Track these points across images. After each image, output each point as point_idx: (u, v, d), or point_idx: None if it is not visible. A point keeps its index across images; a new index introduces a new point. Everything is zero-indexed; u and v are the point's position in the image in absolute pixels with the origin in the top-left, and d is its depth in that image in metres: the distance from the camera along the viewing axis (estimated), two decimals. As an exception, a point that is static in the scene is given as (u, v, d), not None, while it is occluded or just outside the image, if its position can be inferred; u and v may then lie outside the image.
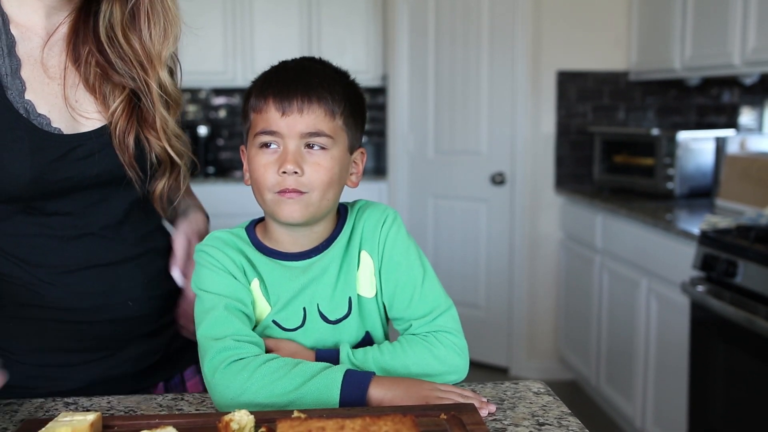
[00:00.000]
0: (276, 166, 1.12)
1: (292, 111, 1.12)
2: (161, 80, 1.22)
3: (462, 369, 1.17)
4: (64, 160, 1.15)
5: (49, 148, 1.14)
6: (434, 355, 1.15)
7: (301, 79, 1.14)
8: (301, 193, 1.12)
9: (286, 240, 1.19)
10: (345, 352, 1.15)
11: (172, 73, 1.27)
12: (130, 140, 1.19)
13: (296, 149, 1.12)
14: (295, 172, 1.11)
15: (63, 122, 1.17)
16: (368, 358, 1.14)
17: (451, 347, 1.16)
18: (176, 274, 1.28)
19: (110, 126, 1.19)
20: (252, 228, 1.22)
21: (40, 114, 1.15)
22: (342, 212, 1.23)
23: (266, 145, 1.14)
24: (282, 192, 1.12)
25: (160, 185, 1.25)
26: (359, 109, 1.20)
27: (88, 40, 1.20)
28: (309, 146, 1.13)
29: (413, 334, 1.18)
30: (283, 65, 1.19)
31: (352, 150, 1.19)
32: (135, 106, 1.21)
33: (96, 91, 1.20)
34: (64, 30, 1.20)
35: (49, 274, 1.20)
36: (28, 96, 1.15)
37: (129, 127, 1.19)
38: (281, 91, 1.13)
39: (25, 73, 1.16)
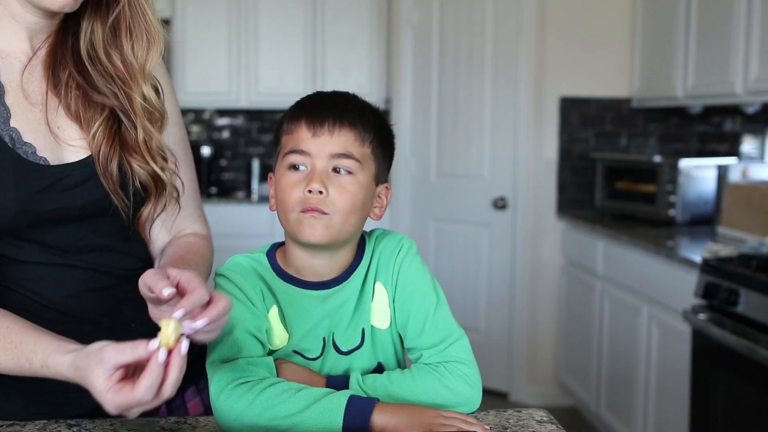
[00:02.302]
0: (302, 185, 1.13)
1: (323, 132, 1.14)
2: (145, 94, 1.20)
3: (473, 400, 1.16)
4: (50, 191, 1.13)
5: (35, 179, 1.12)
6: (444, 385, 1.15)
7: (334, 104, 1.17)
8: (324, 213, 1.13)
9: (305, 267, 1.19)
10: (355, 378, 1.15)
11: (157, 91, 1.25)
12: (114, 166, 1.17)
13: (323, 170, 1.13)
14: (320, 192, 1.12)
15: (48, 151, 1.15)
16: (378, 386, 1.14)
17: (461, 378, 1.16)
18: (167, 291, 0.98)
19: (93, 152, 1.17)
20: (273, 253, 1.22)
21: (25, 143, 1.13)
22: (360, 242, 1.24)
23: (295, 167, 1.15)
24: (305, 211, 1.13)
25: (146, 211, 1.22)
26: (388, 143, 1.21)
27: (68, 62, 1.19)
28: (336, 171, 1.14)
29: (424, 364, 1.18)
30: (317, 93, 1.21)
31: (377, 181, 1.20)
32: (116, 129, 1.19)
33: (78, 117, 1.18)
34: (42, 54, 1.19)
35: (49, 299, 1.19)
36: (13, 123, 1.13)
37: (111, 152, 1.17)
38: (314, 113, 1.15)
39: (8, 100, 1.14)
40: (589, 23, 4.07)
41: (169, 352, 0.93)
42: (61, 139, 1.17)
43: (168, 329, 0.93)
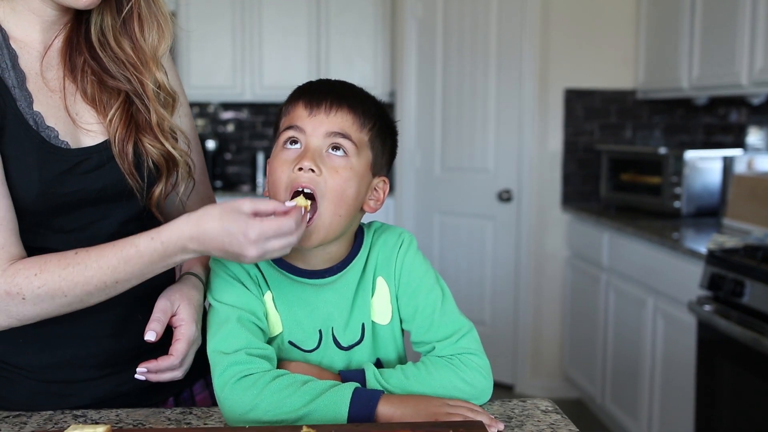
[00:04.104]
0: (294, 163, 1.10)
1: (319, 111, 1.12)
2: (158, 79, 1.24)
3: (487, 392, 1.16)
4: (71, 174, 1.16)
5: (57, 161, 1.15)
6: (461, 378, 1.14)
7: (335, 88, 1.15)
8: (314, 204, 1.10)
9: (297, 258, 1.17)
10: (371, 372, 1.13)
11: (166, 75, 1.29)
12: (129, 147, 1.20)
13: (317, 149, 1.11)
14: (312, 170, 1.09)
15: (69, 135, 1.18)
16: (393, 382, 1.12)
17: (476, 370, 1.15)
18: (150, 336, 1.15)
19: (110, 136, 1.20)
20: None
21: (48, 126, 1.15)
22: (358, 233, 1.21)
23: (290, 142, 1.12)
24: (294, 189, 1.09)
25: (157, 191, 1.25)
26: (389, 136, 1.19)
27: (82, 49, 1.22)
28: (333, 148, 1.11)
29: (438, 356, 1.16)
30: (321, 79, 1.20)
31: (374, 172, 1.17)
32: (131, 112, 1.22)
33: (95, 101, 1.21)
34: (58, 44, 1.22)
35: None
36: (36, 108, 1.16)
37: (128, 134, 1.20)
38: (313, 93, 1.13)
39: (30, 86, 1.17)
40: (594, 14, 4.06)
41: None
42: (79, 124, 1.20)
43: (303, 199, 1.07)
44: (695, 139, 4.21)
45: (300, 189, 1.10)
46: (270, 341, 1.18)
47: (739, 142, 3.87)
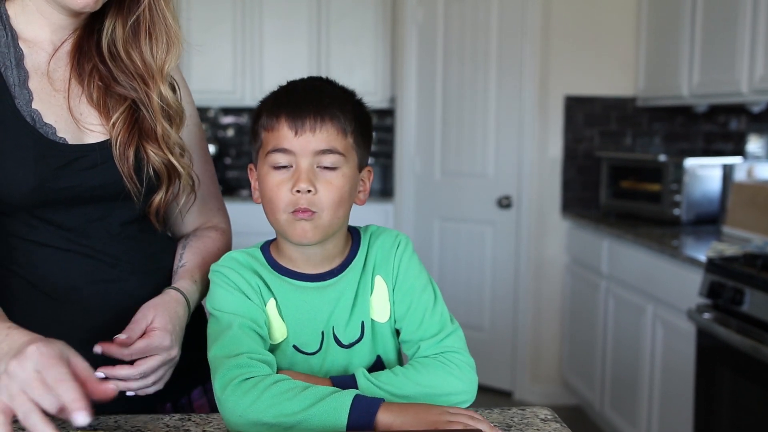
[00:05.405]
0: (289, 184, 1.13)
1: (305, 130, 1.13)
2: (162, 94, 1.24)
3: (475, 387, 1.18)
4: (68, 169, 1.17)
5: (54, 156, 1.16)
6: (450, 373, 1.16)
7: (313, 99, 1.16)
8: (313, 213, 1.13)
9: (298, 258, 1.20)
10: (361, 373, 1.14)
11: (174, 90, 1.30)
12: (131, 152, 1.21)
13: (309, 168, 1.13)
14: (309, 191, 1.12)
15: (68, 133, 1.19)
16: (383, 380, 1.13)
17: (463, 365, 1.17)
18: (96, 348, 1.10)
19: (111, 138, 1.21)
20: (267, 247, 1.23)
21: (46, 123, 1.17)
22: (355, 236, 1.25)
23: (280, 165, 1.14)
24: (295, 212, 1.13)
25: (157, 198, 1.26)
26: (367, 128, 1.22)
27: (92, 55, 1.23)
28: (321, 166, 1.14)
29: (424, 357, 1.19)
30: (293, 85, 1.20)
31: (360, 168, 1.21)
32: (136, 118, 1.23)
33: (100, 105, 1.23)
34: (68, 46, 1.24)
35: (54, 289, 1.20)
36: (35, 106, 1.17)
37: (130, 139, 1.21)
38: (293, 110, 1.14)
39: (32, 85, 1.18)
40: (594, 21, 4.07)
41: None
42: (81, 123, 1.21)
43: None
44: (695, 146, 4.21)
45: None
46: (273, 348, 1.19)
47: (739, 150, 3.87)
